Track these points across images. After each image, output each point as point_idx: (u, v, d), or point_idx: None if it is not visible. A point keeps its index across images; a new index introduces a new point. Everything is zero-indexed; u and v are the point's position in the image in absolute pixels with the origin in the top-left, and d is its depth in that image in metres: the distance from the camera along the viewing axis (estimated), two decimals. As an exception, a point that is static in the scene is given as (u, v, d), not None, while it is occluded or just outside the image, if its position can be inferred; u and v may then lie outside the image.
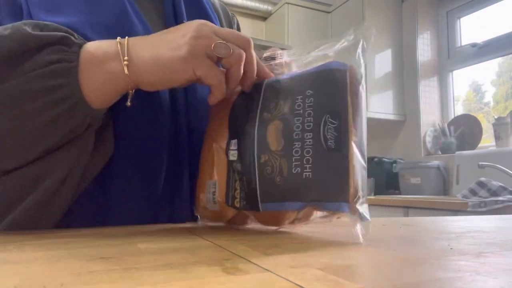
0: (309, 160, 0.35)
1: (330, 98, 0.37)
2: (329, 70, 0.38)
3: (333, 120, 0.35)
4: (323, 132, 0.35)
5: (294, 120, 0.37)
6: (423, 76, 2.64)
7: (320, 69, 0.39)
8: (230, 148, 0.41)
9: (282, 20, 2.99)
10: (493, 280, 0.21)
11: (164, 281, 0.20)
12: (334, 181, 0.34)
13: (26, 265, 0.23)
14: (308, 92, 0.37)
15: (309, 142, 0.35)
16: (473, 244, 0.34)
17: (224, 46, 0.40)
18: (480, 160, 1.99)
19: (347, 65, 0.38)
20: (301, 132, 0.36)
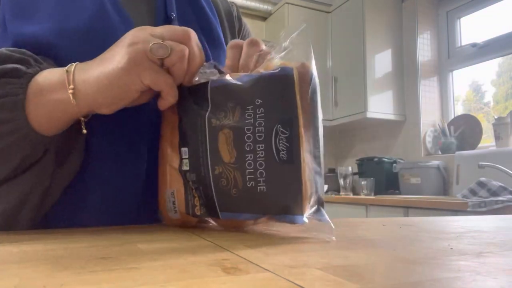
0: (262, 174, 0.35)
1: (280, 107, 0.36)
2: (276, 77, 0.37)
3: (285, 130, 0.35)
4: (275, 144, 0.35)
5: (245, 129, 0.36)
6: (423, 76, 2.64)
7: (267, 75, 0.37)
8: (182, 156, 0.40)
9: (282, 20, 2.99)
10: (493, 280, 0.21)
11: (164, 281, 0.20)
12: (288, 195, 0.35)
13: (26, 265, 0.23)
14: (258, 102, 0.36)
15: (261, 154, 0.35)
16: (473, 244, 0.34)
17: (160, 46, 0.38)
18: (480, 160, 1.99)
19: (292, 69, 0.37)
20: (253, 144, 0.35)
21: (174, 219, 0.43)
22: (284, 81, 0.36)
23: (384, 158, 2.59)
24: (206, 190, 0.38)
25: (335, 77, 2.94)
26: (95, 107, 0.40)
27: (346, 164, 3.17)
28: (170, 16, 0.55)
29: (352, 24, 2.80)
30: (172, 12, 0.55)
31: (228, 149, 0.36)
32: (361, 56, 2.68)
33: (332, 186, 2.90)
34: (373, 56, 2.67)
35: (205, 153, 0.38)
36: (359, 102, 2.67)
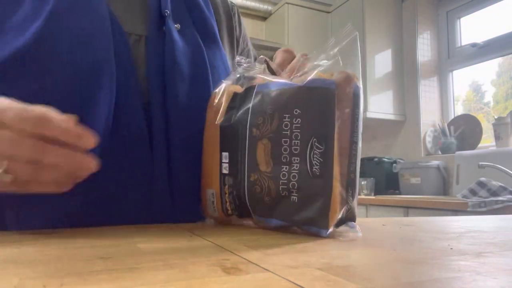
0: (294, 185, 0.37)
1: (317, 120, 0.36)
2: (317, 89, 0.36)
3: (319, 145, 0.35)
4: (309, 158, 0.35)
5: (282, 141, 0.37)
6: (423, 76, 2.64)
7: (308, 86, 0.37)
8: (222, 160, 0.42)
9: (282, 20, 2.99)
10: (493, 280, 0.21)
11: (164, 281, 0.20)
12: (317, 208, 0.36)
13: (26, 265, 0.23)
14: (296, 111, 0.36)
15: (296, 167, 0.36)
16: (473, 244, 0.34)
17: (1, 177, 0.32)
18: (480, 160, 1.99)
19: (334, 84, 0.36)
20: (289, 156, 0.36)
21: (214, 216, 0.46)
22: (324, 95, 0.36)
23: (384, 158, 2.59)
24: (240, 195, 0.40)
25: (335, 77, 2.94)
26: None
27: (346, 164, 3.17)
28: (164, 13, 0.53)
29: (352, 24, 2.78)
30: (166, 9, 0.54)
31: (266, 159, 0.38)
32: (361, 56, 2.68)
33: (332, 186, 2.89)
34: (373, 56, 2.67)
35: (243, 160, 0.39)
36: (359, 102, 2.67)
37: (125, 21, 0.51)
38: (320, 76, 0.37)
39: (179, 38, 0.54)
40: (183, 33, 0.55)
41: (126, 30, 0.50)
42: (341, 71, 0.38)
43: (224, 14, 0.66)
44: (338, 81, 0.37)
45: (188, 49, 0.54)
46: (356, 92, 0.37)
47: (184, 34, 0.55)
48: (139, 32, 0.52)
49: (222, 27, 0.65)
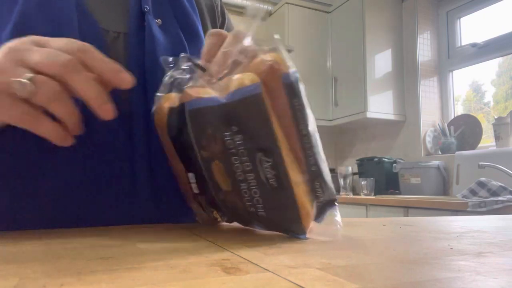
0: (259, 200, 0.35)
1: (256, 133, 0.33)
2: (243, 100, 0.32)
3: (267, 158, 0.33)
4: (262, 172, 0.33)
5: (232, 160, 0.34)
6: (423, 76, 2.64)
7: (233, 101, 0.33)
8: (190, 180, 0.40)
9: (282, 20, 2.99)
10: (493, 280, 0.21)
11: (164, 281, 0.20)
12: (287, 219, 0.35)
13: (26, 265, 0.23)
14: (234, 129, 0.33)
15: (253, 182, 0.34)
16: (473, 244, 0.34)
17: (21, 84, 0.31)
18: (480, 160, 1.99)
19: (259, 87, 0.32)
20: (243, 173, 0.34)
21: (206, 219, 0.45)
22: (252, 104, 0.32)
23: (384, 158, 2.59)
24: (219, 209, 0.40)
25: (335, 77, 2.94)
26: None
27: (346, 164, 3.17)
28: (144, 8, 0.52)
29: (352, 24, 2.80)
30: (146, 5, 0.53)
31: (224, 179, 0.35)
32: (361, 56, 2.68)
33: (332, 186, 2.89)
34: (373, 56, 2.67)
35: (207, 183, 0.37)
36: (359, 102, 2.67)
37: (102, 18, 0.50)
38: (242, 80, 0.33)
39: (161, 33, 0.53)
40: (165, 28, 0.54)
41: (103, 27, 0.50)
42: (261, 60, 0.33)
43: (206, 7, 0.65)
44: (263, 75, 0.33)
45: (169, 45, 0.53)
46: (288, 81, 0.33)
47: (166, 29, 0.54)
48: (118, 29, 0.51)
49: (205, 21, 0.63)
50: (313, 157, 0.35)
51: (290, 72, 0.34)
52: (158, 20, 0.54)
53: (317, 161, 0.35)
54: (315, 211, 0.35)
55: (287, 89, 0.33)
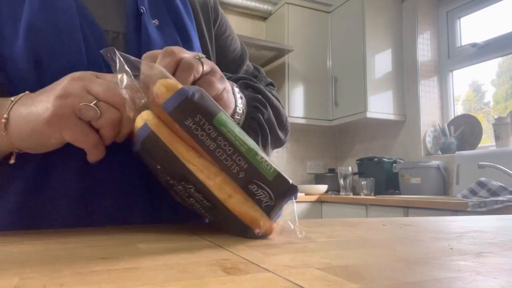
0: (209, 216, 0.38)
1: (168, 166, 0.34)
2: (144, 142, 0.34)
3: (188, 185, 0.34)
4: (194, 197, 0.35)
5: (176, 190, 0.36)
6: (423, 76, 2.64)
7: (140, 142, 0.35)
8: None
9: (282, 20, 2.99)
10: (493, 280, 0.21)
11: (164, 281, 0.20)
12: (237, 227, 0.35)
13: (26, 265, 0.23)
14: (158, 166, 0.35)
15: (197, 205, 0.36)
16: (473, 244, 0.34)
17: (90, 108, 0.36)
18: (480, 160, 1.99)
19: (147, 126, 0.34)
20: (187, 198, 0.36)
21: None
22: (150, 143, 0.34)
23: (384, 158, 2.59)
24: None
25: (335, 77, 2.94)
26: (18, 146, 0.40)
27: (346, 164, 3.17)
28: (140, 9, 0.53)
29: (352, 24, 2.80)
30: (142, 6, 0.53)
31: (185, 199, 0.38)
32: (361, 56, 2.68)
33: (332, 186, 2.90)
34: (373, 56, 2.67)
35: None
36: (359, 102, 2.67)
37: (102, 18, 0.51)
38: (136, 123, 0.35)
39: (157, 34, 0.53)
40: (161, 29, 0.55)
41: (103, 28, 0.50)
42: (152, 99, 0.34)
43: (200, 7, 0.65)
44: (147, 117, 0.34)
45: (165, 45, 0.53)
46: (169, 109, 0.33)
47: (163, 30, 0.55)
48: (117, 29, 0.52)
49: (199, 21, 0.63)
50: (236, 164, 0.33)
51: (170, 97, 0.33)
52: (155, 21, 0.54)
53: (242, 167, 0.33)
54: (268, 211, 0.34)
55: (174, 117, 0.33)
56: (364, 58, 2.65)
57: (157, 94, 0.34)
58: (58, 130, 0.37)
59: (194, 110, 0.33)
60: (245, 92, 0.55)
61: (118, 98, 0.37)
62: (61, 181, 0.45)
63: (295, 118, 2.85)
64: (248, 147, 0.34)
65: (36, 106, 0.38)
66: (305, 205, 2.55)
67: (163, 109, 0.33)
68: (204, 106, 0.34)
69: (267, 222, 0.35)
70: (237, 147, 0.34)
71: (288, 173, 3.27)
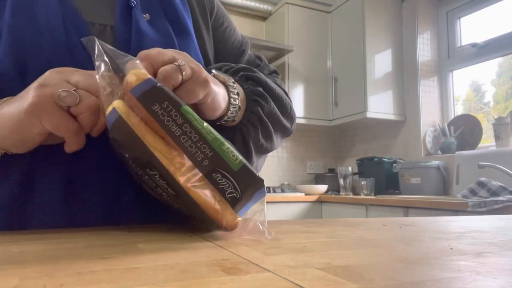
0: (174, 205, 0.37)
1: (134, 152, 0.34)
2: (114, 126, 0.35)
3: (153, 171, 0.34)
4: (158, 184, 0.35)
5: (143, 178, 0.36)
6: (423, 76, 2.64)
7: (109, 128, 0.36)
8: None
9: (282, 20, 2.99)
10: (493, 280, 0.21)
11: (164, 281, 0.20)
12: (201, 216, 0.35)
13: (26, 265, 0.23)
14: (124, 151, 0.36)
15: (164, 195, 0.36)
16: (473, 244, 0.34)
17: (69, 94, 0.37)
18: (480, 160, 1.99)
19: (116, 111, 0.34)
20: (155, 188, 0.36)
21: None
22: (119, 127, 0.34)
23: (384, 158, 2.59)
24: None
25: (335, 77, 2.94)
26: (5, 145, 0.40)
27: (346, 164, 3.17)
28: (131, 3, 0.53)
29: (352, 24, 2.80)
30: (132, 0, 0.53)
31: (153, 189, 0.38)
32: (361, 56, 2.68)
33: (332, 186, 2.90)
34: (373, 56, 2.67)
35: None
36: (359, 102, 2.67)
37: (88, 10, 0.51)
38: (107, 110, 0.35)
39: (149, 28, 0.53)
40: (153, 23, 0.54)
41: (88, 20, 0.50)
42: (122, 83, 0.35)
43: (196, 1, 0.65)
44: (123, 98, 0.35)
45: (158, 39, 0.53)
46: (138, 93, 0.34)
47: (154, 24, 0.55)
48: (104, 22, 0.52)
49: (196, 15, 0.63)
50: (200, 152, 0.34)
51: (138, 84, 0.34)
52: (146, 15, 0.54)
53: (207, 155, 0.34)
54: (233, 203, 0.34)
55: (141, 101, 0.33)
56: (364, 58, 2.65)
57: (127, 82, 0.34)
58: (38, 118, 0.37)
59: (162, 96, 0.34)
60: (245, 86, 0.54)
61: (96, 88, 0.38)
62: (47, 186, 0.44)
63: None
64: (215, 136, 0.34)
65: (16, 102, 0.39)
66: (305, 205, 2.55)
67: (131, 93, 0.34)
68: (172, 95, 0.34)
69: (230, 215, 0.34)
70: (203, 135, 0.34)
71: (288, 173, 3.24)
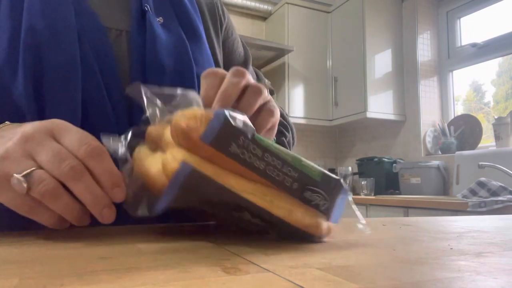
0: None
1: (217, 201, 0.31)
2: (185, 185, 0.30)
3: (241, 212, 0.32)
4: (252, 221, 0.33)
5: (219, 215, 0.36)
6: (423, 76, 2.64)
7: (178, 187, 0.30)
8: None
9: (282, 20, 2.99)
10: (493, 280, 0.21)
11: (164, 281, 0.20)
12: (298, 236, 0.33)
13: (26, 265, 0.23)
14: (199, 204, 0.33)
15: (250, 224, 0.34)
16: (473, 244, 0.34)
17: (17, 182, 0.32)
18: (480, 160, 1.99)
19: (185, 163, 0.29)
20: (240, 222, 0.35)
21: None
22: (194, 182, 0.29)
23: (384, 158, 2.59)
24: None
25: (335, 77, 2.94)
26: None
27: (346, 164, 3.17)
28: (145, 7, 0.53)
29: (352, 24, 2.80)
30: (147, 4, 0.54)
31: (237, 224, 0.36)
32: (361, 56, 2.68)
33: (332, 186, 2.89)
34: (373, 56, 2.67)
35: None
36: (359, 102, 2.67)
37: (105, 16, 0.51)
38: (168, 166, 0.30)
39: (162, 31, 0.54)
40: (166, 27, 0.55)
41: (106, 25, 0.50)
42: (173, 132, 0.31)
43: (207, 8, 0.65)
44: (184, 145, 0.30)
45: (171, 43, 0.54)
46: (209, 139, 0.29)
47: (167, 28, 0.55)
48: (120, 27, 0.52)
49: (207, 22, 0.64)
50: (288, 176, 0.32)
51: (206, 129, 0.30)
52: (159, 19, 0.55)
53: (294, 178, 0.32)
54: (326, 213, 0.34)
55: (216, 147, 0.30)
56: (364, 58, 2.65)
57: (189, 127, 0.30)
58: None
59: (235, 132, 0.30)
60: None
61: (59, 172, 0.33)
62: None
63: (295, 118, 2.84)
64: (293, 155, 0.32)
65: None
66: (305, 205, 2.55)
67: (202, 141, 0.29)
68: (240, 126, 0.30)
69: (326, 224, 0.33)
70: (284, 158, 0.31)
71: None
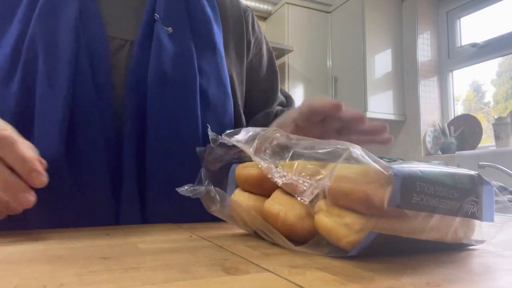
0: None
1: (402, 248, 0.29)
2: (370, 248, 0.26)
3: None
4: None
5: None
6: (423, 76, 2.64)
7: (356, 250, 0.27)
8: None
9: (282, 20, 2.99)
10: (493, 281, 0.21)
11: (164, 281, 0.20)
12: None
13: (26, 265, 0.23)
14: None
15: None
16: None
17: None
18: (480, 160, 1.99)
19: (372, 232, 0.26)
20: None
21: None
22: (379, 245, 0.27)
23: (384, 158, 2.59)
24: None
25: (335, 77, 2.94)
26: None
27: (346, 164, 3.17)
28: (155, 17, 0.53)
29: (352, 24, 2.80)
30: (158, 13, 0.53)
31: None
32: (361, 56, 2.68)
33: (332, 186, 2.90)
34: (373, 56, 2.67)
35: None
36: (359, 102, 2.67)
37: (113, 24, 0.51)
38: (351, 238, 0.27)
39: (169, 42, 0.53)
40: (175, 36, 0.54)
41: (111, 34, 0.50)
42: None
43: (233, 19, 0.64)
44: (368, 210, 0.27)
45: (176, 53, 0.53)
46: (396, 203, 0.26)
47: (176, 37, 0.54)
48: (126, 37, 0.52)
49: (228, 33, 0.62)
50: (452, 199, 0.29)
51: (392, 192, 0.26)
52: (169, 28, 0.54)
53: (456, 198, 0.30)
54: (478, 217, 0.33)
55: (403, 206, 0.26)
56: (364, 58, 2.65)
57: (377, 197, 0.27)
58: None
59: (415, 180, 0.27)
60: None
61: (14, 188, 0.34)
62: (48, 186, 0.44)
63: (295, 118, 2.84)
64: (446, 173, 0.30)
65: None
66: (305, 205, 2.55)
67: (391, 205, 0.26)
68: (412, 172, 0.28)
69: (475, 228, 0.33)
70: (446, 183, 0.29)
71: (288, 173, 3.27)
